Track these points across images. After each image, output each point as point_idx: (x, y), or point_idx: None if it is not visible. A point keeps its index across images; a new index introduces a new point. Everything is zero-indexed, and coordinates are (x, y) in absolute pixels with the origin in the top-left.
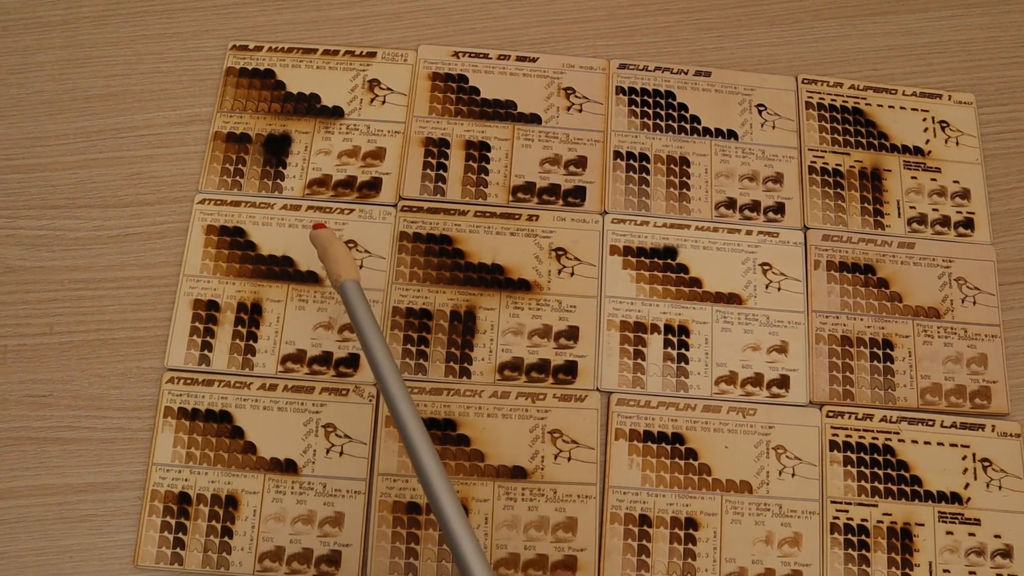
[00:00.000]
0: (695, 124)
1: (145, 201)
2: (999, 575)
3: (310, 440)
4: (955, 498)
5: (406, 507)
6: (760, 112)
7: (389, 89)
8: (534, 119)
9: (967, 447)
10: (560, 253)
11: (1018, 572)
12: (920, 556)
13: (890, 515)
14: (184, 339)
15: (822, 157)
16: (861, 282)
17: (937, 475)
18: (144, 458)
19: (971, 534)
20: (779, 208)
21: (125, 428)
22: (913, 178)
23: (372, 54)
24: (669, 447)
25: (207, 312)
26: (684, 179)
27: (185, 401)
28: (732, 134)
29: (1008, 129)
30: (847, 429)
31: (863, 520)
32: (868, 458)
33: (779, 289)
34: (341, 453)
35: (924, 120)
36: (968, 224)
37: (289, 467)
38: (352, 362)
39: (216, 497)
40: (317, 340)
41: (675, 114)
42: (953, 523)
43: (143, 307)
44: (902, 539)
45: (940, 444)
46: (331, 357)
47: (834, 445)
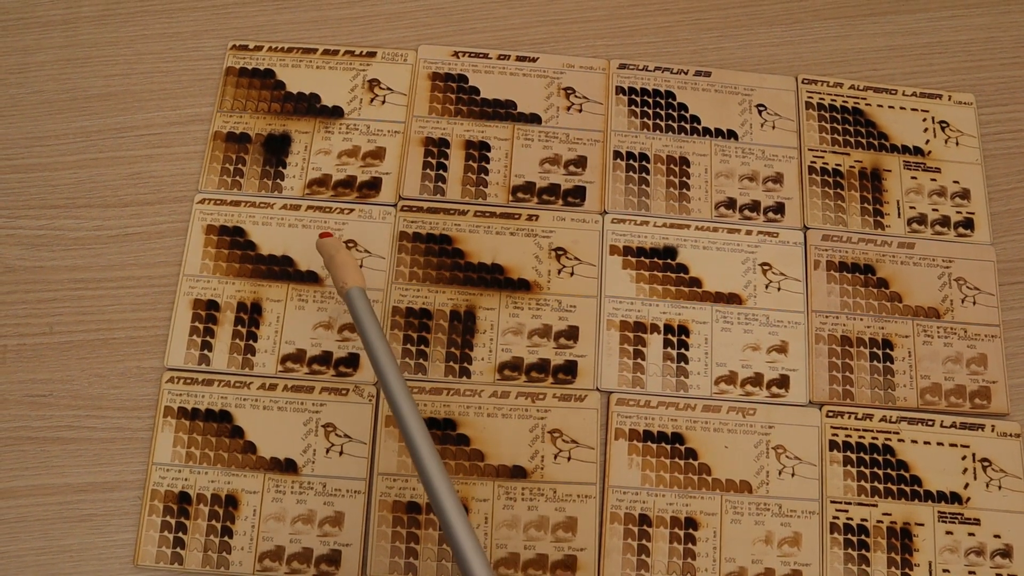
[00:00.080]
0: (695, 124)
1: (145, 201)
2: (999, 575)
3: (310, 440)
4: (955, 498)
5: (406, 507)
6: (760, 112)
7: (389, 89)
8: (534, 119)
9: (967, 447)
10: (560, 253)
11: (1018, 572)
12: (920, 556)
13: (890, 515)
14: (184, 339)
15: (822, 157)
16: (861, 282)
17: (937, 475)
18: (144, 458)
19: (971, 534)
20: (779, 208)
21: (125, 428)
22: (913, 178)
23: (372, 54)
24: (669, 447)
25: (207, 312)
26: (684, 179)
27: (185, 401)
28: (732, 134)
29: (1008, 129)
30: (847, 429)
31: (863, 520)
32: (868, 458)
33: (779, 289)
34: (341, 453)
35: (924, 120)
36: (968, 224)
37: (289, 467)
38: (352, 362)
39: (216, 497)
40: (317, 340)
41: (675, 114)
42: (953, 523)
43: (143, 307)
44: (902, 539)
45: (940, 444)
46: (331, 357)
47: (834, 445)
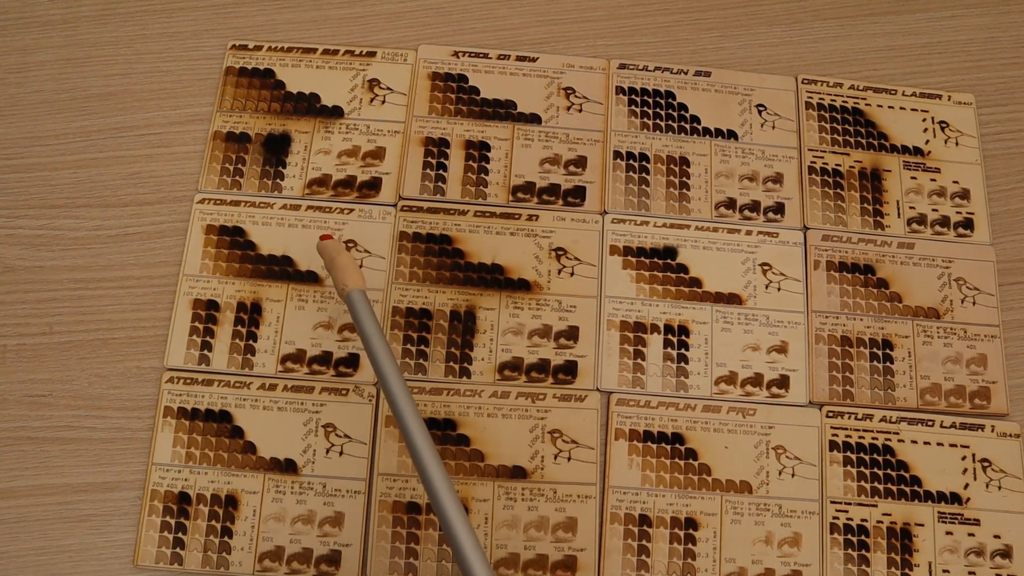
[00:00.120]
0: (695, 124)
1: (145, 201)
2: (998, 575)
3: (310, 440)
4: (955, 498)
5: (406, 507)
6: (760, 112)
7: (389, 89)
8: (534, 119)
9: (967, 447)
10: (560, 253)
11: (1017, 572)
12: (920, 556)
13: (890, 515)
14: (184, 339)
15: (822, 157)
16: (861, 282)
17: (937, 475)
18: (144, 458)
19: (970, 534)
20: (779, 208)
21: (125, 428)
22: (913, 178)
23: (372, 54)
24: (669, 447)
25: (207, 312)
26: (684, 179)
27: (185, 401)
28: (732, 134)
29: (1008, 129)
30: (847, 429)
31: (863, 520)
32: (868, 458)
33: (779, 289)
34: (341, 453)
35: (924, 120)
36: (968, 224)
37: (289, 467)
38: (352, 362)
39: (216, 497)
40: (317, 340)
41: (675, 114)
42: (953, 523)
43: (143, 307)
44: (902, 539)
45: (940, 444)
46: (331, 357)
47: (834, 445)
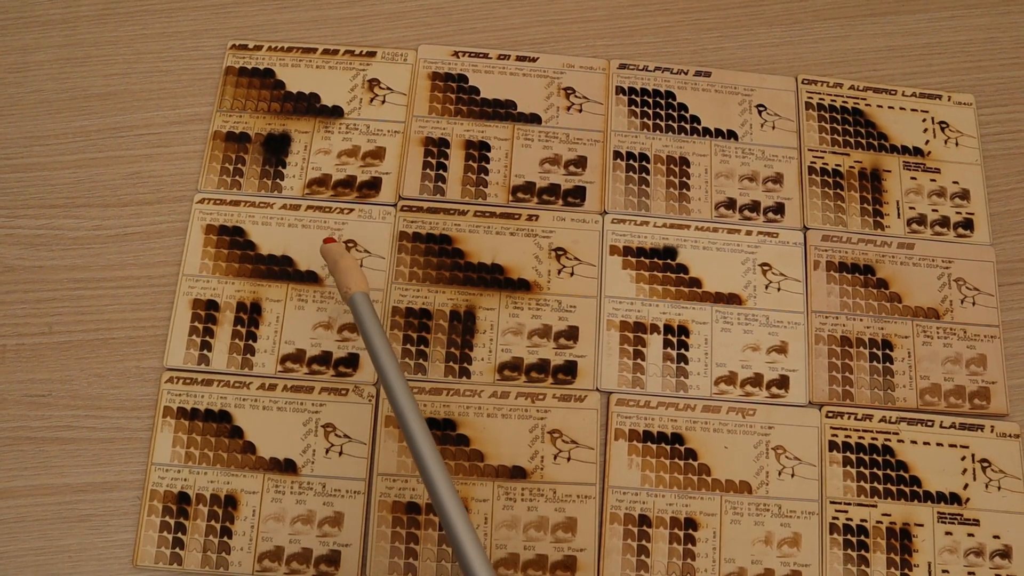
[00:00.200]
0: (695, 124)
1: (144, 201)
2: (998, 575)
3: (309, 440)
4: (954, 499)
5: (406, 507)
6: (760, 112)
7: (389, 89)
8: (534, 119)
9: (966, 448)
10: (560, 253)
11: (1017, 572)
12: (919, 556)
13: (889, 515)
14: (183, 339)
15: (822, 157)
16: (861, 282)
17: (936, 475)
18: (143, 458)
19: (970, 535)
20: (779, 208)
21: (124, 428)
22: (913, 179)
23: (372, 54)
24: (669, 447)
25: (206, 312)
26: (684, 179)
27: (184, 401)
28: (732, 134)
29: (1008, 130)
30: (846, 429)
31: (862, 520)
32: (867, 458)
33: (779, 289)
34: (340, 453)
35: (924, 121)
36: (967, 225)
37: (288, 467)
38: (351, 362)
39: (215, 497)
40: (316, 340)
41: (675, 114)
42: (952, 523)
43: (142, 307)
44: (901, 539)
45: (939, 445)
46: (330, 357)
47: (833, 445)
